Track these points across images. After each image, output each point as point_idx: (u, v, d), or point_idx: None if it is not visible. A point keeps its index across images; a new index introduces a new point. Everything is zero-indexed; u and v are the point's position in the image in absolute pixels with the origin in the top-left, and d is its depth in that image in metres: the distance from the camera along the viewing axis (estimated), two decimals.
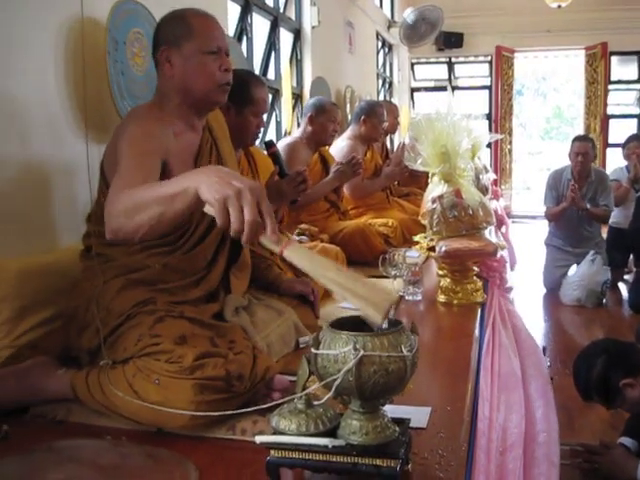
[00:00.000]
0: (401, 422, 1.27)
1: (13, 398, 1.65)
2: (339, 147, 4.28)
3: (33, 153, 2.06)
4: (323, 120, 3.65)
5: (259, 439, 1.22)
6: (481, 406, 1.70)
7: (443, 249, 2.58)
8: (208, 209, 1.26)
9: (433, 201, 2.72)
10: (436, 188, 2.78)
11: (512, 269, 4.79)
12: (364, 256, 3.36)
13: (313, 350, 1.19)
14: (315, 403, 1.23)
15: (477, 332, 2.31)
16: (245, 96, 2.39)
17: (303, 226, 3.33)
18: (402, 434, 1.23)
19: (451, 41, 9.92)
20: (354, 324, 1.26)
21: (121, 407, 1.50)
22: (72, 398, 1.61)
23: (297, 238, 3.17)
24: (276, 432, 1.22)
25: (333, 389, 1.15)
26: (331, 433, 1.21)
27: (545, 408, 1.87)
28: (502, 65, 10.16)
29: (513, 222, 8.72)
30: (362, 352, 1.12)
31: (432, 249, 2.74)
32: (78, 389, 1.59)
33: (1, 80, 1.93)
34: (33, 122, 2.05)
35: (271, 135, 4.71)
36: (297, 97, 5.03)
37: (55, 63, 2.13)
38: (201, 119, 1.93)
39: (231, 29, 3.85)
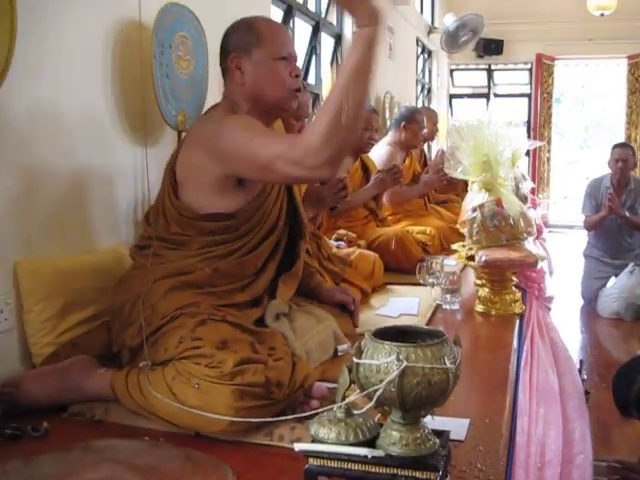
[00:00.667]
0: (441, 434, 1.26)
1: (53, 396, 1.66)
2: (378, 153, 4.27)
3: (78, 155, 2.09)
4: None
5: (298, 447, 1.21)
6: (520, 420, 1.68)
7: (483, 259, 2.55)
8: None
9: (473, 210, 2.69)
10: (476, 197, 2.75)
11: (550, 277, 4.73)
12: (401, 264, 3.34)
13: (355, 359, 1.18)
14: (355, 412, 1.23)
15: (515, 344, 2.28)
16: None
17: (341, 231, 3.32)
18: (442, 446, 1.22)
19: (491, 48, 9.84)
20: (395, 334, 1.25)
21: (159, 409, 1.51)
22: (111, 398, 1.62)
23: (335, 243, 3.17)
24: (315, 440, 1.21)
25: (374, 399, 1.14)
26: (370, 443, 1.20)
27: (582, 428, 1.84)
28: (542, 73, 10.05)
29: (550, 232, 8.62)
30: (405, 363, 1.11)
31: (471, 258, 2.71)
32: (117, 389, 1.60)
33: (53, 84, 1.96)
34: (78, 124, 2.08)
35: None
36: None
37: (102, 66, 2.16)
38: (269, 126, 1.94)
39: None
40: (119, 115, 2.24)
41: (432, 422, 1.26)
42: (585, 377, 3.34)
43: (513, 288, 2.71)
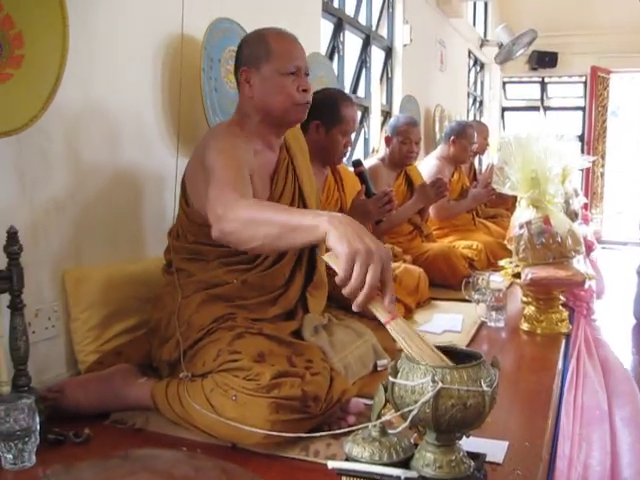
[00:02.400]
0: (477, 457, 1.24)
1: (95, 403, 1.70)
2: (427, 167, 4.26)
3: (126, 165, 2.14)
4: (395, 142, 3.61)
5: (332, 465, 1.21)
6: (561, 443, 1.65)
7: (529, 277, 2.52)
8: (328, 257, 1.23)
9: (520, 227, 2.65)
10: (524, 213, 2.71)
11: (600, 297, 4.61)
12: (447, 279, 3.31)
13: (391, 379, 1.17)
14: (390, 432, 1.22)
15: (560, 364, 2.23)
16: (335, 115, 2.40)
17: (387, 245, 3.30)
18: (477, 470, 1.20)
19: (545, 60, 9.69)
20: None
21: (198, 420, 1.53)
22: (151, 407, 1.64)
23: None
24: (349, 458, 1.21)
25: (409, 420, 1.14)
26: (404, 463, 1.20)
27: (632, 437, 1.78)
28: (597, 86, 9.85)
29: (603, 248, 8.42)
30: (440, 385, 1.10)
31: (517, 275, 2.67)
32: (157, 399, 1.63)
33: (102, 93, 2.01)
34: (128, 135, 2.13)
35: (359, 153, 4.72)
36: (386, 115, 5.02)
37: (153, 78, 2.21)
38: (279, 138, 1.96)
39: (323, 46, 3.89)
40: (169, 127, 2.28)
41: (469, 443, 1.25)
42: None
43: (560, 307, 2.66)
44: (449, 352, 1.26)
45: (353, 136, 2.65)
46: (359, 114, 2.63)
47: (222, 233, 1.45)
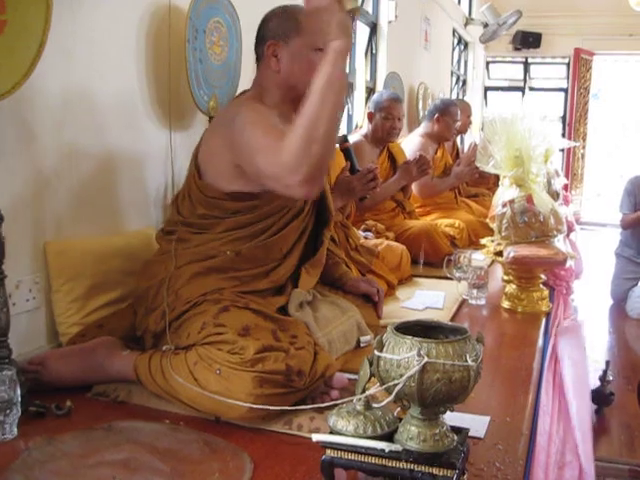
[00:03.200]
0: (460, 431, 1.25)
1: (77, 375, 1.69)
2: (410, 144, 4.25)
3: (110, 138, 2.10)
4: (378, 117, 3.59)
5: (316, 437, 1.21)
6: (541, 419, 1.67)
7: (511, 255, 2.53)
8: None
9: (503, 205, 2.66)
10: (507, 192, 2.72)
11: (578, 278, 4.66)
12: (429, 257, 3.32)
13: (376, 352, 1.17)
14: (374, 406, 1.23)
15: (540, 342, 2.26)
16: None
17: (369, 222, 3.31)
18: (460, 444, 1.21)
19: (529, 41, 9.71)
20: (418, 329, 1.24)
21: (181, 393, 1.52)
22: (134, 380, 1.64)
23: (363, 234, 3.16)
24: (333, 432, 1.22)
25: (394, 394, 1.14)
26: (388, 437, 1.20)
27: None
28: (580, 68, 9.88)
29: (582, 229, 8.50)
30: (426, 359, 1.10)
31: (499, 254, 2.69)
32: (140, 371, 1.62)
33: (86, 63, 1.97)
34: (112, 107, 2.09)
35: (343, 128, 4.69)
36: (370, 91, 5.00)
37: (138, 51, 2.17)
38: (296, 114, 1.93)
39: None
40: (151, 99, 2.25)
41: (452, 418, 1.26)
42: (611, 378, 3.30)
43: (541, 286, 2.69)
44: (434, 328, 1.27)
45: (340, 114, 2.62)
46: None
47: (302, 183, 1.50)
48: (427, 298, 2.65)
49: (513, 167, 2.62)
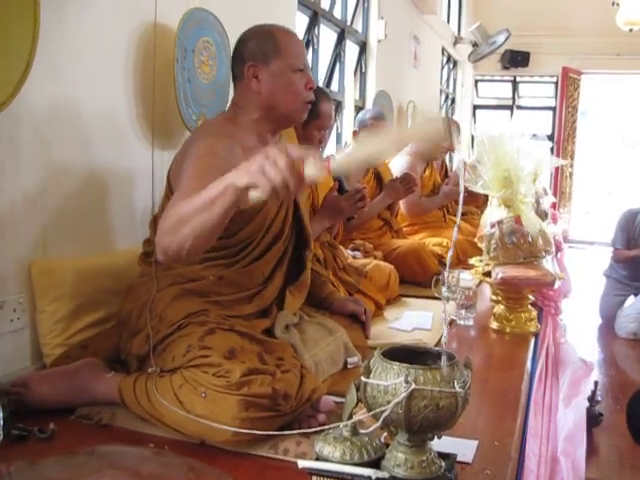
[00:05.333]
0: (447, 457, 1.24)
1: (61, 397, 1.66)
2: (398, 163, 4.25)
3: (97, 157, 2.09)
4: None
5: (302, 464, 1.20)
6: (530, 442, 1.65)
7: (499, 276, 2.53)
8: (252, 196, 1.29)
9: (492, 226, 2.66)
10: (495, 212, 2.72)
11: (567, 297, 4.66)
12: (417, 276, 3.31)
13: (363, 378, 1.16)
14: (361, 431, 1.21)
15: (529, 364, 2.25)
16: (312, 110, 2.38)
17: (358, 241, 3.30)
18: (448, 470, 1.20)
19: (517, 60, 9.79)
20: (406, 354, 1.23)
21: (166, 416, 1.50)
22: (118, 402, 1.61)
23: (351, 253, 3.15)
24: (320, 458, 1.20)
25: (381, 420, 1.13)
26: (375, 463, 1.19)
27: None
28: (568, 87, 9.96)
29: (570, 247, 8.54)
30: (413, 385, 1.10)
31: (487, 274, 2.68)
32: (125, 394, 1.60)
33: (73, 83, 1.97)
34: (99, 126, 2.08)
35: (331, 147, 4.70)
36: (359, 109, 5.01)
37: (125, 70, 2.16)
38: (274, 136, 1.94)
39: None
40: (138, 117, 2.24)
41: (439, 443, 1.25)
42: (599, 399, 3.30)
43: (529, 306, 2.68)
44: (422, 353, 1.26)
45: (328, 132, 2.63)
46: (333, 110, 2.60)
47: (161, 252, 1.47)
48: (415, 319, 2.64)
49: (502, 187, 2.62)
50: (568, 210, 10.35)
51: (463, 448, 1.49)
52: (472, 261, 2.88)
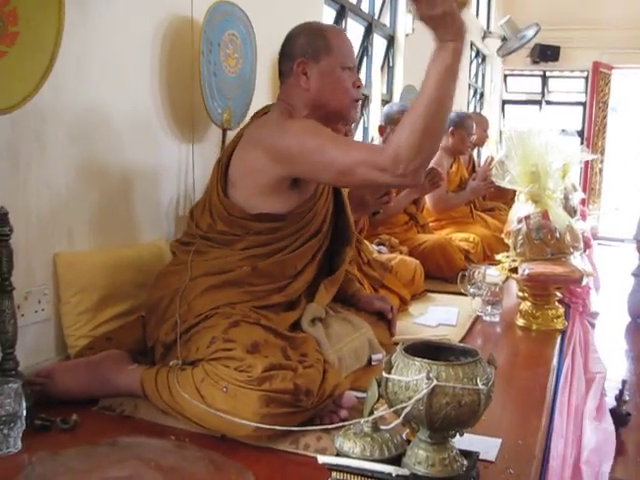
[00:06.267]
0: (469, 455, 1.22)
1: (84, 389, 1.67)
2: None
3: (123, 151, 2.10)
4: (389, 131, 3.55)
5: (322, 459, 1.19)
6: (554, 442, 1.63)
7: (526, 272, 2.49)
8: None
9: (519, 221, 2.63)
10: (523, 207, 2.69)
11: (596, 292, 4.58)
12: (443, 272, 3.29)
13: (384, 374, 1.15)
14: (382, 428, 1.20)
15: (555, 361, 2.22)
16: None
17: (383, 236, 3.28)
18: (470, 469, 1.18)
19: (547, 54, 9.66)
20: (428, 349, 1.22)
21: (187, 410, 1.50)
22: (140, 394, 1.62)
23: (377, 248, 3.13)
24: (340, 454, 1.19)
25: (402, 416, 1.11)
26: (396, 460, 1.18)
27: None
28: (598, 82, 9.81)
29: (599, 244, 8.42)
30: (435, 382, 1.08)
31: (514, 270, 2.65)
32: (147, 386, 1.60)
33: (100, 76, 1.97)
34: (124, 122, 2.09)
35: (357, 140, 4.68)
36: (386, 104, 4.98)
37: (151, 63, 2.16)
38: None
39: None
40: (165, 111, 2.24)
41: (461, 441, 1.23)
42: (627, 398, 3.24)
43: (556, 303, 2.64)
44: (445, 348, 1.24)
45: (353, 127, 2.61)
46: (359, 105, 2.58)
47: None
48: (440, 314, 2.62)
49: (529, 183, 2.59)
50: (597, 207, 10.21)
51: (486, 446, 1.47)
52: (499, 257, 2.85)
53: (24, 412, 1.45)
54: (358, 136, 4.69)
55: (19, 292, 1.72)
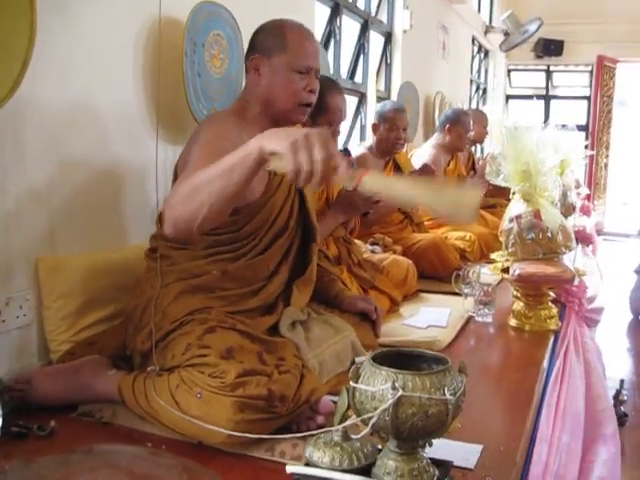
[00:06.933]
0: (442, 465, 1.20)
1: (62, 395, 1.66)
2: (422, 155, 4.19)
3: (108, 152, 2.08)
4: (382, 129, 3.54)
5: (290, 469, 1.18)
6: (538, 448, 1.60)
7: (517, 272, 2.46)
8: (274, 164, 1.24)
9: (510, 220, 2.60)
10: (516, 206, 2.66)
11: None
12: (438, 271, 3.26)
13: (352, 383, 1.13)
14: (353, 437, 1.18)
15: (545, 363, 2.18)
16: (320, 104, 2.34)
17: (377, 236, 3.26)
18: (441, 479, 1.16)
19: (550, 48, 9.59)
20: (400, 358, 1.19)
21: (163, 416, 1.49)
22: (118, 400, 1.61)
23: (371, 248, 3.11)
24: (309, 463, 1.18)
25: (369, 427, 1.09)
26: (366, 470, 1.16)
27: (608, 454, 1.73)
28: (603, 75, 9.74)
29: (605, 240, 8.35)
30: (401, 392, 1.06)
31: (506, 270, 2.62)
32: (124, 392, 1.59)
33: (81, 80, 1.96)
34: (108, 123, 2.07)
35: (355, 140, 4.66)
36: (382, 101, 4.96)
37: (134, 64, 2.14)
38: None
39: (318, 32, 3.82)
40: (150, 113, 2.22)
41: (441, 446, 1.20)
42: (625, 398, 3.21)
43: (549, 303, 2.61)
44: (416, 356, 1.22)
45: (344, 125, 2.58)
46: (346, 105, 2.54)
47: (170, 223, 1.41)
48: (431, 315, 2.59)
49: (521, 181, 2.55)
50: (603, 202, 10.14)
51: (466, 453, 1.45)
52: (493, 256, 2.82)
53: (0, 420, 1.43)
54: (355, 134, 4.67)
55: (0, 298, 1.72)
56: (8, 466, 1.39)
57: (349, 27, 4.42)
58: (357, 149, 3.69)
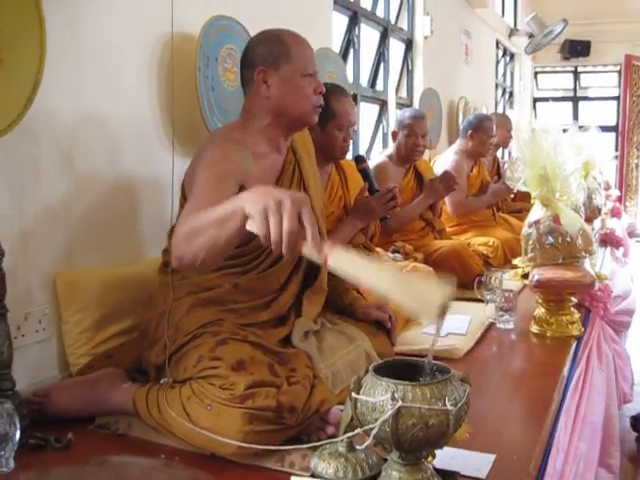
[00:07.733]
0: (448, 475, 1.19)
1: (80, 407, 1.69)
2: (444, 161, 4.18)
3: (123, 167, 2.12)
4: (401, 136, 3.52)
5: None
6: (553, 457, 1.57)
7: (536, 278, 2.44)
8: (250, 225, 1.23)
9: (529, 225, 2.58)
10: (537, 211, 2.63)
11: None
12: (459, 278, 3.22)
13: (353, 394, 1.13)
14: (357, 448, 1.18)
15: (566, 370, 2.15)
16: (326, 110, 2.35)
17: (398, 243, 3.25)
18: None
19: (577, 49, 9.50)
20: (403, 369, 1.19)
21: (175, 428, 1.51)
22: (133, 413, 1.63)
23: (391, 255, 3.10)
24: (314, 474, 1.18)
25: (371, 438, 1.10)
26: None
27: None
28: (632, 75, 9.59)
29: (637, 241, 8.21)
30: (400, 403, 1.06)
31: (526, 276, 2.60)
32: (138, 404, 1.61)
33: (94, 97, 1.99)
34: (123, 138, 2.11)
35: (377, 147, 4.66)
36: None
37: (148, 79, 2.18)
38: (287, 140, 1.94)
39: (337, 41, 3.83)
40: (165, 127, 2.25)
41: (453, 455, 1.20)
42: None
43: (572, 309, 2.57)
44: (419, 367, 1.22)
45: (351, 130, 2.59)
46: (356, 109, 2.54)
47: (177, 260, 1.43)
48: (451, 323, 2.55)
49: (538, 186, 2.53)
50: (635, 203, 9.97)
51: (478, 462, 1.44)
52: (516, 261, 2.80)
53: (17, 432, 1.46)
54: (378, 141, 4.67)
55: (19, 313, 1.75)
56: (24, 477, 1.42)
57: (368, 35, 4.43)
58: (378, 157, 3.70)
